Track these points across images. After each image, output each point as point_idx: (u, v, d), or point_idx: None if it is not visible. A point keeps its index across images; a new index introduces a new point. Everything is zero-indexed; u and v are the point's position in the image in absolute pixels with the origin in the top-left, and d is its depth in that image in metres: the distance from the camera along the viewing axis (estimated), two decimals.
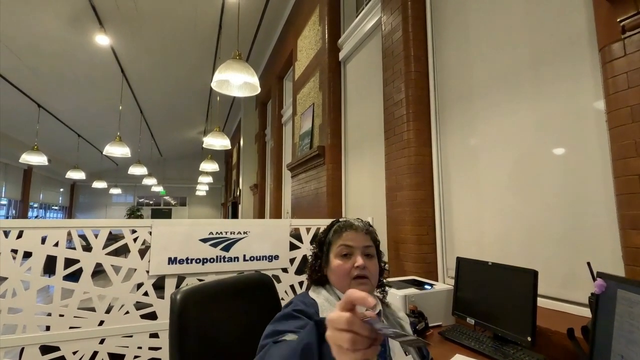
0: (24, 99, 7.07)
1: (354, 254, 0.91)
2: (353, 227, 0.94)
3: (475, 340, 1.29)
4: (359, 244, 0.92)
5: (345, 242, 0.92)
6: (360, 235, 0.93)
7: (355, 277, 0.88)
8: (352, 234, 0.93)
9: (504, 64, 1.76)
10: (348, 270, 0.89)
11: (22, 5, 4.43)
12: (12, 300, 1.62)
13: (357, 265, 0.89)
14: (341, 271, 0.90)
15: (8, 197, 10.93)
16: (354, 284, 0.88)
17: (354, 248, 0.92)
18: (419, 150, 2.20)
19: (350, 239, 0.92)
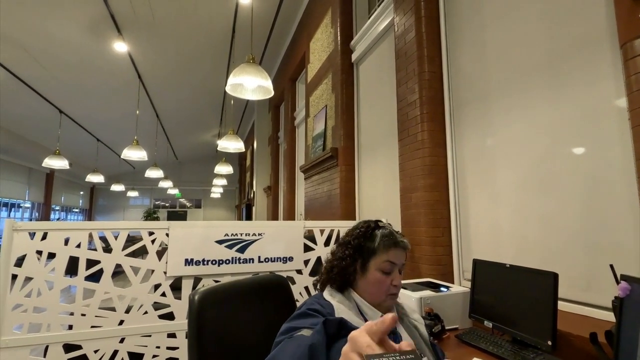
0: (47, 105, 7.32)
1: (394, 271, 0.92)
2: (401, 245, 0.94)
3: (494, 344, 1.26)
4: (401, 261, 0.94)
5: (391, 259, 0.92)
6: (404, 254, 0.95)
7: (391, 294, 0.91)
8: (399, 252, 0.93)
9: (521, 62, 1.73)
10: (387, 286, 0.91)
11: (45, 15, 4.59)
12: (37, 299, 1.67)
13: (396, 285, 0.91)
14: (380, 286, 0.91)
15: (32, 200, 11.32)
16: (389, 299, 0.91)
17: (397, 266, 0.93)
18: (433, 151, 2.18)
19: (396, 257, 0.93)
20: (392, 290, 0.91)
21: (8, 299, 1.62)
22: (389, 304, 0.92)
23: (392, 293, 0.91)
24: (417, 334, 0.94)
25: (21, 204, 10.94)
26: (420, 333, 0.94)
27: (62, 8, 4.50)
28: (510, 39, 1.80)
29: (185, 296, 1.88)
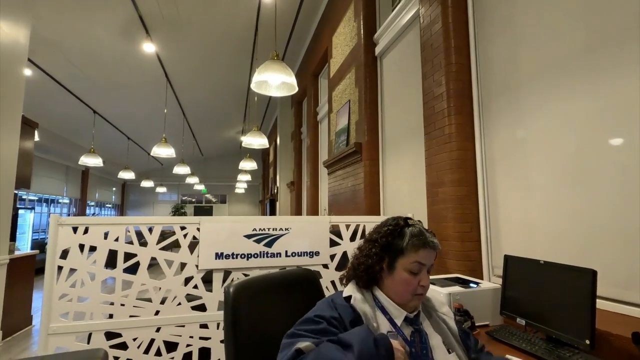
0: (82, 105, 7.68)
1: (422, 271, 0.90)
2: (431, 246, 0.91)
3: (527, 342, 1.24)
4: (430, 262, 0.92)
5: (420, 260, 0.89)
6: (433, 254, 0.92)
7: (417, 294, 0.90)
8: (428, 253, 0.91)
9: (556, 49, 1.66)
10: (414, 287, 0.89)
11: (79, 19, 4.81)
12: (80, 289, 1.78)
13: (424, 285, 0.89)
14: (407, 286, 0.89)
15: (69, 196, 11.95)
16: (415, 299, 0.90)
17: (425, 266, 0.91)
18: (461, 145, 2.14)
19: (426, 257, 0.90)
20: (419, 291, 0.89)
21: (55, 288, 1.73)
22: (415, 304, 0.91)
23: (419, 293, 0.90)
24: (445, 328, 0.93)
25: (59, 200, 11.57)
26: (449, 327, 0.93)
27: (96, 12, 4.69)
28: (543, 28, 1.73)
29: (217, 289, 1.94)
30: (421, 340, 0.87)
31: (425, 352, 0.85)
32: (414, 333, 0.88)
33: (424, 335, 0.89)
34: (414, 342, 0.86)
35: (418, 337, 0.88)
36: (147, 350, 1.81)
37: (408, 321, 0.90)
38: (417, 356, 0.84)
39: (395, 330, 0.86)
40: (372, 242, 0.97)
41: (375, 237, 0.97)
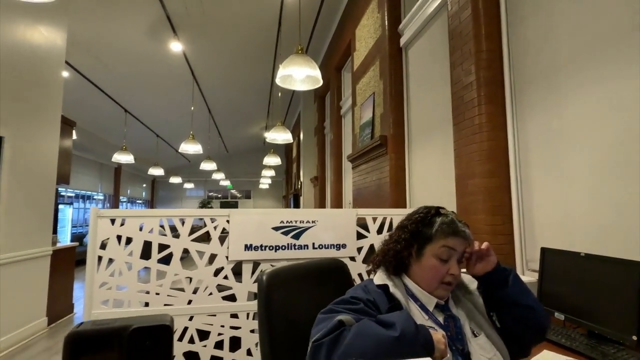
0: (114, 104, 8.01)
1: (451, 258, 0.88)
2: (462, 234, 0.89)
3: (566, 337, 1.19)
4: (461, 250, 0.90)
5: (449, 245, 0.88)
6: (464, 242, 0.90)
7: (445, 283, 0.88)
8: (458, 240, 0.89)
9: (598, 29, 1.56)
10: (443, 274, 0.88)
11: (111, 21, 5.00)
12: (119, 278, 1.87)
13: (453, 274, 0.87)
14: (435, 273, 0.88)
15: (104, 192, 12.53)
16: (442, 288, 0.88)
17: (455, 252, 0.89)
18: (492, 135, 2.07)
19: (455, 244, 0.89)
20: (447, 279, 0.87)
21: (96, 277, 1.83)
22: (441, 294, 0.89)
23: (447, 282, 0.88)
24: (473, 307, 0.91)
25: (94, 196, 12.16)
26: (477, 305, 0.92)
27: (126, 14, 4.86)
28: (582, 5, 1.64)
29: (246, 280, 1.98)
30: (455, 325, 0.87)
31: (460, 337, 0.85)
32: (448, 319, 0.87)
33: (457, 320, 0.88)
34: (449, 327, 0.85)
35: (452, 322, 0.87)
36: (180, 337, 1.88)
37: (439, 308, 0.89)
38: (453, 340, 0.83)
39: (428, 316, 0.86)
40: (402, 228, 0.97)
41: (405, 223, 0.97)
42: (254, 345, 1.97)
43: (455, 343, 0.82)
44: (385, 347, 0.69)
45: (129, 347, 0.39)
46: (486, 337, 0.84)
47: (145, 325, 0.39)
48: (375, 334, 0.72)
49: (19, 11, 3.17)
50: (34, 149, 3.40)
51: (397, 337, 0.70)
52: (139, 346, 0.39)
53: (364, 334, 0.73)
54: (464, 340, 0.84)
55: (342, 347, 0.71)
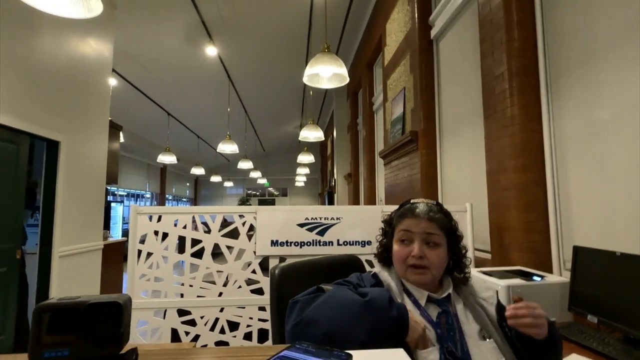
0: (157, 108, 8.51)
1: (413, 241, 0.88)
2: (414, 214, 0.89)
3: (599, 341, 1.12)
4: (419, 230, 0.88)
5: (404, 228, 0.90)
6: (422, 222, 0.88)
7: (410, 266, 0.87)
8: (413, 221, 0.89)
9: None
10: (404, 257, 0.88)
11: (152, 30, 5.32)
12: (156, 271, 2.01)
13: (413, 255, 0.87)
14: (398, 257, 0.90)
15: (151, 191, 13.37)
16: (410, 272, 0.88)
17: (414, 234, 0.88)
18: (525, 127, 1.96)
19: (410, 225, 0.89)
20: (410, 261, 0.87)
21: (136, 269, 1.98)
22: (414, 278, 0.87)
23: (411, 264, 0.87)
24: (483, 314, 0.88)
25: (143, 195, 13.01)
26: (488, 314, 0.88)
27: (165, 22, 5.15)
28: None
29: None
30: (447, 321, 0.83)
31: (452, 334, 0.81)
32: (441, 314, 0.85)
33: (451, 317, 0.84)
34: (440, 323, 0.82)
35: (444, 319, 0.84)
36: (212, 327, 1.99)
37: (435, 302, 0.87)
38: (443, 337, 0.79)
39: (420, 311, 0.84)
40: (384, 223, 1.03)
41: (386, 218, 1.03)
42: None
43: (445, 341, 0.79)
44: (352, 309, 0.73)
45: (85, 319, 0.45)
46: (495, 345, 0.81)
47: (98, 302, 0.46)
48: (345, 297, 0.77)
49: (71, 26, 3.48)
50: (85, 152, 3.72)
51: (366, 301, 0.73)
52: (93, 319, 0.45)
53: (336, 295, 0.78)
54: (455, 339, 0.81)
55: (312, 305, 0.77)
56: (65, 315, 0.45)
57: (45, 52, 3.14)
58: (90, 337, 0.45)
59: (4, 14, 2.68)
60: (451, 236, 0.92)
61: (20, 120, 2.82)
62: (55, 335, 0.44)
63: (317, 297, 0.79)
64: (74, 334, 0.44)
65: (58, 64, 3.31)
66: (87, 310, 0.45)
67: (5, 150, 2.72)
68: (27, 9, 2.85)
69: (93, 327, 0.45)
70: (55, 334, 0.44)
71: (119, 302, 0.47)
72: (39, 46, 3.06)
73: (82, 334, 0.45)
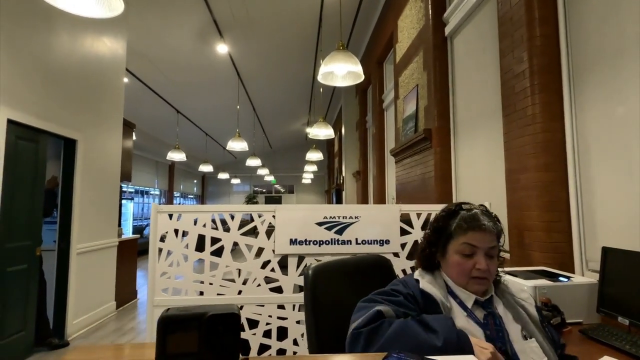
0: (167, 106, 8.56)
1: (476, 254, 0.87)
2: (482, 228, 0.87)
3: (631, 344, 1.11)
4: (484, 245, 0.87)
5: (470, 242, 0.87)
6: (488, 237, 0.87)
7: (474, 277, 0.87)
8: (479, 235, 0.87)
9: None
10: (469, 270, 0.87)
11: (164, 28, 5.34)
12: (177, 269, 2.03)
13: (479, 268, 0.86)
14: (461, 269, 0.88)
15: (159, 188, 13.48)
16: (472, 282, 0.88)
17: (478, 249, 0.87)
18: (546, 126, 1.94)
19: (476, 239, 0.87)
20: (474, 274, 0.86)
21: (157, 267, 2.00)
22: (476, 288, 0.87)
23: (475, 277, 0.86)
24: (524, 314, 0.88)
25: (150, 192, 13.12)
26: (529, 314, 0.89)
27: (177, 21, 5.17)
28: None
29: (292, 272, 2.06)
30: (495, 322, 0.85)
31: (501, 335, 0.83)
32: (487, 316, 0.86)
33: (497, 318, 0.86)
34: (488, 325, 0.84)
35: (492, 320, 0.85)
36: None
37: (480, 305, 0.88)
38: (492, 339, 0.81)
39: (467, 313, 0.85)
40: (429, 227, 1.00)
41: (431, 222, 1.00)
42: (299, 335, 2.05)
43: (496, 342, 0.80)
44: (425, 352, 0.71)
45: (206, 330, 0.45)
46: (536, 344, 0.82)
47: (219, 312, 0.46)
48: (416, 337, 0.74)
49: (87, 25, 3.51)
50: (100, 150, 3.76)
51: (439, 347, 0.71)
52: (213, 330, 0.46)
53: (406, 333, 0.75)
54: (505, 339, 0.82)
55: (381, 340, 0.75)
56: (189, 326, 0.45)
57: (62, 51, 3.17)
58: (211, 348, 0.45)
59: (24, 14, 2.71)
60: (499, 243, 0.92)
61: (39, 119, 2.86)
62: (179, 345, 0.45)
63: (382, 328, 0.76)
64: (197, 344, 0.45)
65: (74, 63, 3.34)
66: (208, 321, 0.45)
67: (25, 149, 2.76)
68: (45, 8, 2.88)
69: (214, 338, 0.45)
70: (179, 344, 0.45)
71: (237, 314, 0.47)
72: (56, 45, 3.09)
73: (204, 344, 0.45)
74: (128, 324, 3.71)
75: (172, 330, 0.45)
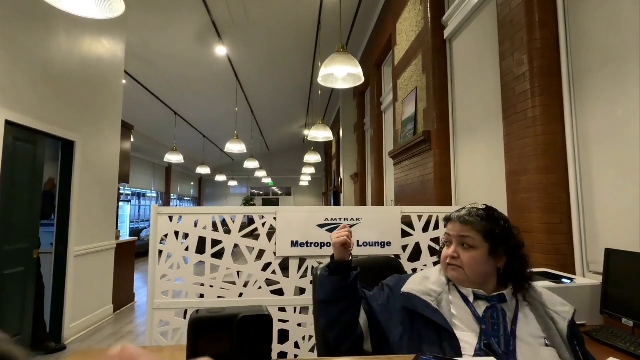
0: (165, 108, 8.53)
1: (452, 243, 0.98)
2: (452, 219, 1.00)
3: (636, 345, 1.11)
4: (455, 233, 0.98)
5: (446, 231, 1.02)
6: (457, 226, 0.98)
7: (447, 264, 0.97)
8: (451, 225, 1.00)
9: None
10: (445, 257, 0.98)
11: (162, 29, 5.33)
12: (177, 271, 2.02)
13: (451, 255, 0.96)
14: (442, 257, 1.00)
15: (156, 190, 13.41)
16: (448, 269, 0.97)
17: (452, 237, 0.98)
18: (547, 129, 1.95)
19: (450, 229, 1.00)
20: (447, 261, 0.96)
21: (157, 270, 1.98)
22: (450, 275, 0.96)
23: (448, 263, 0.96)
24: (552, 325, 0.87)
25: (147, 194, 13.04)
26: (558, 328, 0.87)
27: (176, 22, 5.16)
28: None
29: (293, 275, 2.05)
30: (492, 316, 0.86)
31: (497, 329, 0.84)
32: (488, 310, 0.88)
33: (498, 313, 0.87)
34: (485, 319, 0.86)
35: (489, 314, 0.87)
36: None
37: (485, 299, 0.90)
38: (486, 332, 0.84)
39: (468, 306, 0.90)
40: None
41: None
42: (301, 338, 2.03)
43: (487, 336, 0.83)
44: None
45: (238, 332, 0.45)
46: (556, 353, 0.82)
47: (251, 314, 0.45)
48: None
49: (86, 27, 3.49)
50: (99, 151, 3.74)
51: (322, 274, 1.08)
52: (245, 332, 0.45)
53: None
54: (499, 334, 0.84)
55: None
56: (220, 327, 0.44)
57: (61, 52, 3.15)
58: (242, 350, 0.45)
59: (23, 15, 2.70)
60: (495, 240, 0.92)
61: (37, 120, 2.83)
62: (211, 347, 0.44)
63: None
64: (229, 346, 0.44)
65: (73, 64, 3.32)
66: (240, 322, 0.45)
67: (23, 151, 2.73)
68: (44, 9, 2.86)
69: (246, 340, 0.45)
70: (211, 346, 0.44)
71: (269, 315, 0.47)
72: (55, 46, 3.07)
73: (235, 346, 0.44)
74: (125, 327, 3.67)
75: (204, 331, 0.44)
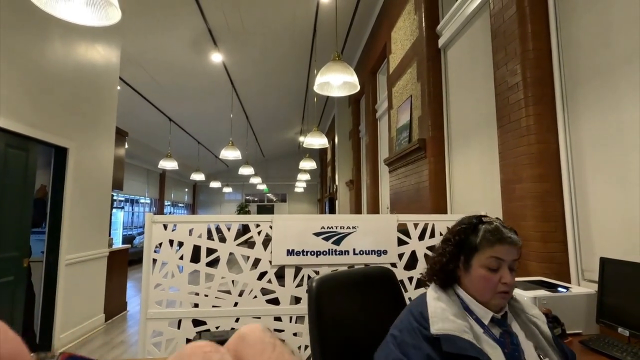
0: (159, 114, 8.50)
1: (501, 267, 0.86)
2: (508, 241, 0.86)
3: (632, 355, 1.11)
4: (510, 258, 0.87)
5: (497, 255, 0.86)
6: (513, 250, 0.87)
7: (500, 292, 0.85)
8: (506, 248, 0.86)
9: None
10: (495, 284, 0.85)
11: (158, 36, 5.33)
12: (171, 280, 1.99)
13: (506, 282, 0.85)
14: (487, 284, 0.86)
15: (150, 197, 13.30)
16: (497, 297, 0.86)
17: (504, 262, 0.86)
18: (541, 138, 1.97)
19: (503, 253, 0.86)
20: (500, 288, 0.85)
21: (151, 279, 1.96)
22: (499, 302, 0.86)
23: (502, 291, 0.85)
24: (536, 331, 0.88)
25: (141, 200, 12.92)
26: (542, 331, 0.88)
27: (171, 29, 5.17)
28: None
29: (289, 284, 2.03)
30: (512, 341, 0.84)
31: (517, 355, 0.82)
32: (504, 334, 0.85)
33: (514, 337, 0.85)
34: (505, 343, 0.83)
35: (508, 338, 0.84)
36: None
37: (496, 322, 0.87)
38: (509, 357, 0.80)
39: (484, 330, 0.84)
40: (446, 241, 0.96)
41: (448, 236, 0.96)
42: (296, 348, 2.01)
43: (514, 359, 0.80)
44: None
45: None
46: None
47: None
48: None
49: (80, 33, 3.48)
50: (92, 158, 3.70)
51: None
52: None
53: None
54: (522, 357, 0.81)
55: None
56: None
57: (55, 58, 3.14)
58: None
59: (17, 21, 2.68)
60: None
61: (30, 126, 2.80)
62: None
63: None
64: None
65: (67, 70, 3.30)
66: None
67: (15, 158, 2.70)
68: (38, 16, 2.85)
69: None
70: None
71: None
72: (49, 52, 3.05)
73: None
74: (117, 337, 3.61)
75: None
